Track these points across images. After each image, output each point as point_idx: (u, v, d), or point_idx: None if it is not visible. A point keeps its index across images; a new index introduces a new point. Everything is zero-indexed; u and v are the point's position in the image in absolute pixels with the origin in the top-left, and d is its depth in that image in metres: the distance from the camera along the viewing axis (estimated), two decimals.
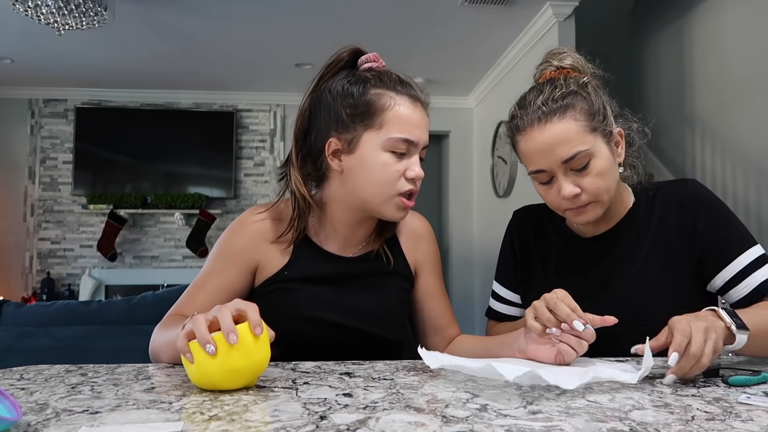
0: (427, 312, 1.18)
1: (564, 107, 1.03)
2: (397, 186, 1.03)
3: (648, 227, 1.13)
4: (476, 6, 3.54)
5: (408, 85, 1.07)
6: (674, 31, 4.01)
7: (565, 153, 1.02)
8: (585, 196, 1.04)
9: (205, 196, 5.34)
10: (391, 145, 1.02)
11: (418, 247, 1.18)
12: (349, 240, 1.13)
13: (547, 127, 1.03)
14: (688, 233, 1.09)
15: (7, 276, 5.23)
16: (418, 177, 1.05)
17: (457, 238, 5.67)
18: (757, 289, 1.04)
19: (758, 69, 3.18)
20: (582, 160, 1.02)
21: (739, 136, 3.40)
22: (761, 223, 3.22)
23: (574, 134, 1.02)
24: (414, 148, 1.04)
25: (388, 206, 1.05)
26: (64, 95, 5.34)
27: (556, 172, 1.04)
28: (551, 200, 1.09)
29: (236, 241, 1.10)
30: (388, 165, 1.02)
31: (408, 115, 1.03)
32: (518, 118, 1.08)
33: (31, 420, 0.62)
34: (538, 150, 1.04)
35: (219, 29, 3.96)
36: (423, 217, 1.23)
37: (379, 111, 1.02)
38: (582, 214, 1.07)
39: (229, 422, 0.62)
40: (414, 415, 0.65)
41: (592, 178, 1.03)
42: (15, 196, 5.30)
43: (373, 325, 1.10)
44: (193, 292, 1.09)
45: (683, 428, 0.61)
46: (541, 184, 1.09)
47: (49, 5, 3.11)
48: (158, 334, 1.01)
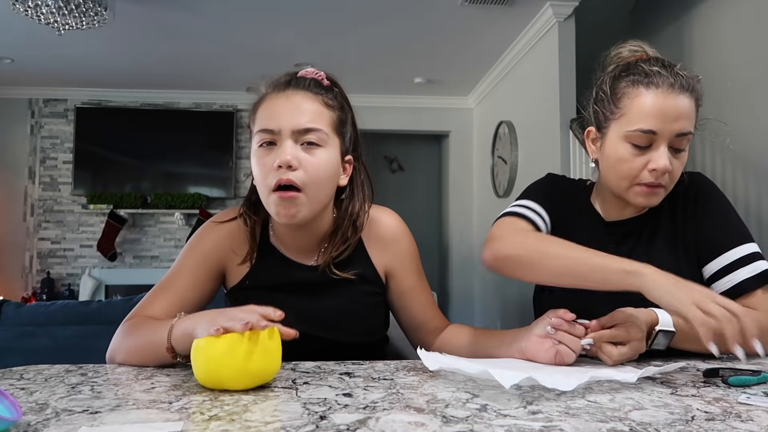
0: (408, 310, 1.16)
1: (692, 88, 1.04)
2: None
3: (660, 219, 1.14)
4: (476, 6, 3.54)
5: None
6: (674, 31, 4.01)
7: (684, 127, 1.03)
8: (667, 176, 1.04)
9: (205, 196, 5.34)
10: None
11: (387, 251, 1.14)
12: (302, 248, 1.10)
13: (680, 97, 1.02)
14: (692, 226, 1.11)
15: (7, 276, 5.23)
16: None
17: (457, 237, 5.67)
18: (736, 286, 1.04)
19: (758, 69, 3.18)
20: (685, 142, 1.04)
21: (739, 136, 3.40)
22: (761, 223, 3.22)
23: (693, 117, 1.05)
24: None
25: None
26: (64, 95, 5.34)
27: (663, 141, 1.03)
28: (633, 167, 1.05)
29: (205, 243, 1.09)
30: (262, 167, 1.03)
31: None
32: (650, 74, 1.04)
33: (31, 420, 0.62)
34: (663, 112, 1.02)
35: (219, 29, 3.96)
36: (393, 216, 1.17)
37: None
38: (652, 195, 1.06)
39: (229, 422, 0.62)
40: (414, 415, 0.65)
41: (679, 163, 1.05)
42: (15, 196, 5.30)
43: (340, 334, 1.07)
44: (158, 293, 1.06)
45: (683, 428, 0.61)
46: (633, 146, 1.04)
47: (49, 5, 3.10)
48: (129, 336, 0.98)
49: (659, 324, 0.95)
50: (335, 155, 1.04)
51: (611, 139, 1.08)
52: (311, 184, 0.99)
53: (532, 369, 0.85)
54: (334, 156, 1.03)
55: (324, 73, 1.09)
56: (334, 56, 4.40)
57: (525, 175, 4.22)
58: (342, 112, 1.07)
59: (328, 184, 1.03)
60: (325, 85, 1.07)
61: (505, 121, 4.59)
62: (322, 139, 1.01)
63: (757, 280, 1.04)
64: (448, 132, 5.81)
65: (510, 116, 4.55)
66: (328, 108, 1.04)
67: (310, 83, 1.05)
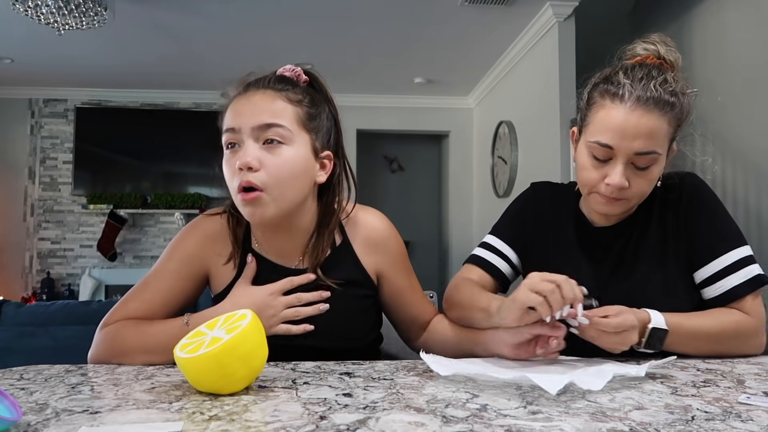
0: (401, 308, 1.16)
1: (668, 105, 0.99)
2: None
3: (651, 222, 1.13)
4: (476, 6, 3.54)
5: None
6: (674, 31, 4.01)
7: (643, 147, 0.99)
8: (626, 192, 1.03)
9: (205, 196, 5.34)
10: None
11: (376, 253, 1.12)
12: (284, 250, 1.08)
13: (644, 115, 0.98)
14: (683, 229, 1.10)
15: (7, 276, 5.23)
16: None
17: (457, 237, 5.67)
18: (728, 293, 1.04)
19: (758, 69, 3.18)
20: (648, 161, 1.00)
21: (739, 137, 3.40)
22: (761, 223, 3.22)
23: (661, 136, 1.00)
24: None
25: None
26: (64, 95, 5.34)
27: (621, 157, 1.00)
28: (591, 177, 1.05)
29: (189, 244, 1.07)
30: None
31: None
32: (620, 85, 1.01)
33: (31, 420, 0.62)
34: (622, 128, 0.99)
35: (219, 29, 3.96)
36: (380, 216, 1.16)
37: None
38: (610, 205, 1.06)
39: (229, 422, 0.62)
40: (414, 415, 0.65)
41: (643, 180, 1.02)
42: (15, 196, 5.30)
43: (331, 340, 1.05)
44: (140, 290, 1.05)
45: (683, 428, 0.61)
46: (592, 157, 1.04)
47: (49, 5, 3.11)
48: (129, 336, 0.97)
49: (651, 322, 0.96)
50: (303, 152, 1.01)
51: (581, 144, 1.08)
52: (274, 184, 0.97)
53: (533, 372, 0.86)
54: (301, 153, 1.00)
55: (301, 68, 1.08)
56: (334, 56, 4.40)
57: (525, 175, 4.22)
58: (313, 107, 1.04)
59: (297, 183, 1.00)
60: (301, 81, 1.06)
61: (505, 121, 4.59)
62: (285, 136, 0.98)
63: (747, 285, 1.03)
64: (448, 132, 5.81)
65: (510, 116, 4.55)
66: (292, 103, 1.01)
67: (273, 80, 1.03)
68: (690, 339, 0.99)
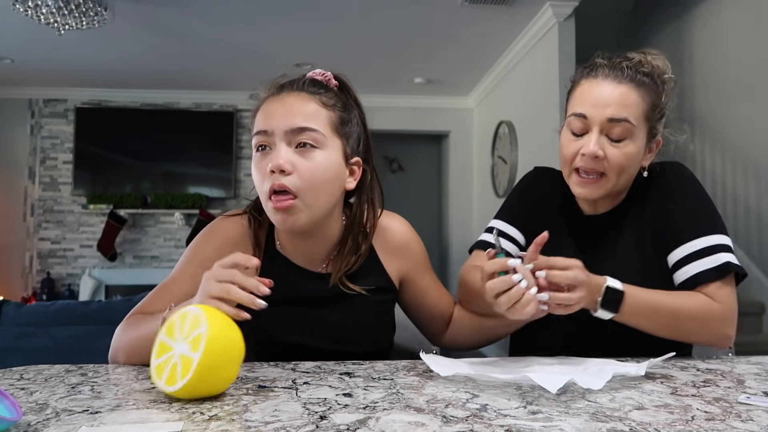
0: (425, 307, 1.17)
1: (641, 82, 1.06)
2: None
3: (638, 212, 1.14)
4: (476, 6, 3.54)
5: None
6: (674, 30, 4.01)
7: (616, 113, 1.03)
8: (603, 164, 1.04)
9: (205, 196, 5.34)
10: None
11: (400, 258, 1.12)
12: (309, 256, 1.06)
13: (617, 86, 1.05)
14: (661, 212, 1.11)
15: (7, 276, 5.23)
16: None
17: (457, 237, 5.67)
18: (692, 278, 1.03)
19: (758, 69, 3.18)
20: (622, 131, 1.04)
21: (739, 136, 3.40)
22: (761, 223, 3.22)
23: (633, 106, 1.04)
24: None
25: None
26: (64, 95, 5.34)
27: (595, 126, 1.04)
28: (570, 151, 1.08)
29: (207, 248, 1.05)
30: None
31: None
32: (596, 67, 1.09)
33: (31, 420, 0.62)
34: (593, 97, 1.05)
35: (219, 29, 3.96)
36: (402, 221, 1.16)
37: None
38: (586, 186, 1.07)
39: (229, 422, 0.62)
40: (414, 415, 0.65)
41: (618, 153, 1.04)
42: (15, 196, 5.30)
43: (349, 346, 1.04)
44: (160, 294, 1.04)
45: (683, 428, 0.61)
46: (570, 133, 1.08)
47: (49, 5, 3.11)
48: (126, 332, 0.97)
49: (607, 282, 0.95)
50: (335, 157, 0.99)
51: (564, 128, 1.12)
52: (307, 189, 0.95)
53: (551, 367, 0.86)
54: (333, 158, 0.98)
55: (331, 73, 1.06)
56: (334, 56, 4.40)
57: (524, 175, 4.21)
58: (345, 112, 1.03)
59: (328, 188, 0.98)
60: (332, 85, 1.05)
61: (505, 121, 4.59)
62: (318, 140, 0.96)
63: (714, 272, 1.02)
64: (448, 132, 5.81)
65: (510, 116, 4.55)
66: (326, 107, 0.99)
67: (306, 83, 1.02)
68: (646, 310, 0.98)
